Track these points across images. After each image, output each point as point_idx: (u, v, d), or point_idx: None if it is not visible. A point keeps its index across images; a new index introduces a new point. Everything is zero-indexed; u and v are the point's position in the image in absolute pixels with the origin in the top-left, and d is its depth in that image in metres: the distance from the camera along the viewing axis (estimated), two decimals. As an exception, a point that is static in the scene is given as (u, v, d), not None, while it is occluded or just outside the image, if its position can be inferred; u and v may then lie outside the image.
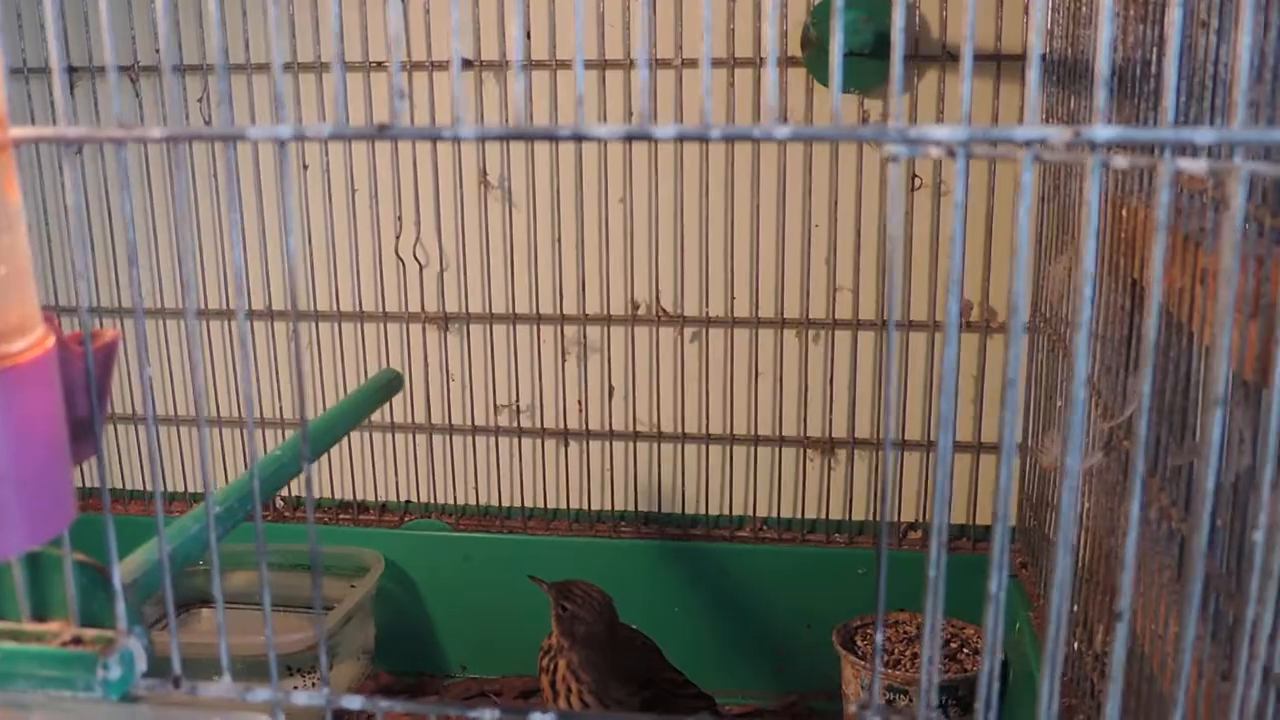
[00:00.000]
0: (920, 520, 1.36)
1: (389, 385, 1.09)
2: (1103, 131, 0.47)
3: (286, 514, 1.48)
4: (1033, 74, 0.46)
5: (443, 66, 1.31)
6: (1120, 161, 0.48)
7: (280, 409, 1.45)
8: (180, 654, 0.60)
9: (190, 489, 1.49)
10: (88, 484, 1.42)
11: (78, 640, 0.59)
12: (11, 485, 0.50)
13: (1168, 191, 0.47)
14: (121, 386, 1.49)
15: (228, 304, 1.42)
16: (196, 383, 0.53)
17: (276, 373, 1.44)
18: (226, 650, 0.59)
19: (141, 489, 1.49)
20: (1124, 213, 0.88)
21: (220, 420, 1.45)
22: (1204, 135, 0.48)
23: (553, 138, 0.50)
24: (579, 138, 0.50)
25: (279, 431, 1.45)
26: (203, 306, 1.43)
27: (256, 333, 1.41)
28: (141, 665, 0.59)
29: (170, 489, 1.50)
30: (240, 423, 1.45)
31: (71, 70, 1.37)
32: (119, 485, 1.49)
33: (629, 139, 0.49)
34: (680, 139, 0.49)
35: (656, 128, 0.49)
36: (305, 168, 1.38)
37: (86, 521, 0.58)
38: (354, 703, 0.59)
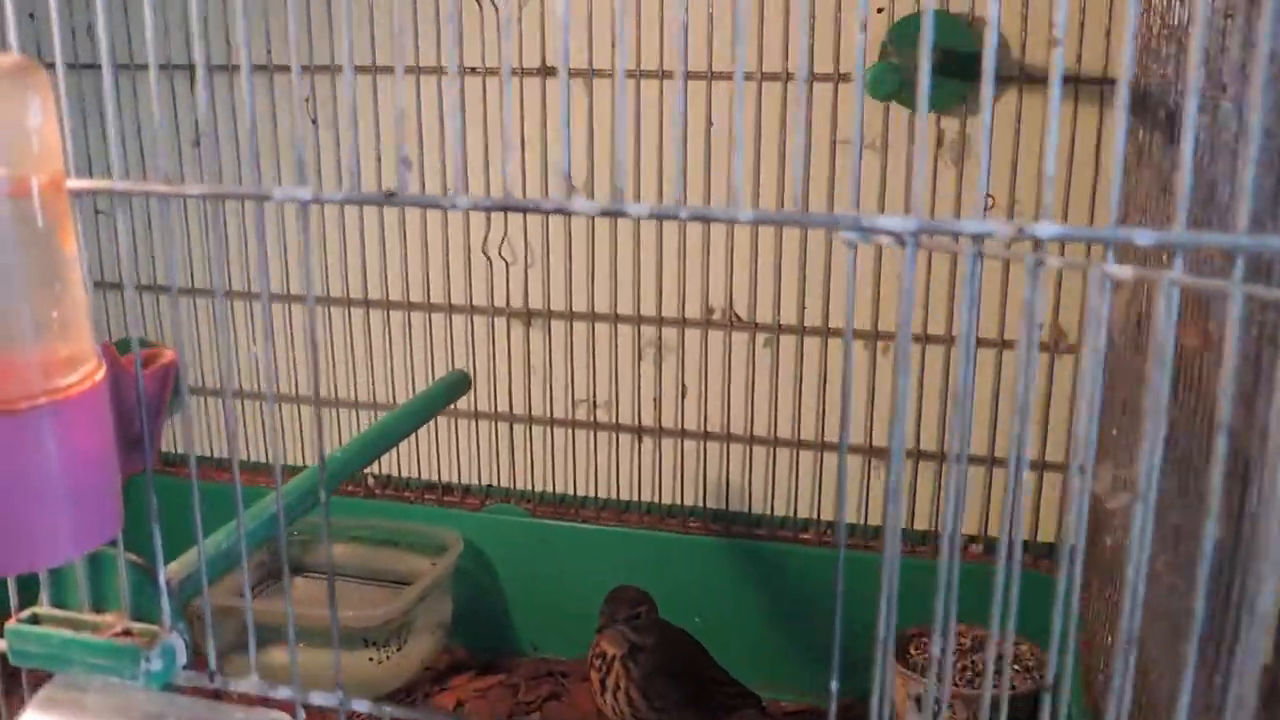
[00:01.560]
0: (981, 534, 1.37)
1: (457, 385, 1.15)
2: (1045, 229, 0.50)
3: (376, 491, 1.55)
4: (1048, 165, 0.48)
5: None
6: (1054, 262, 0.50)
7: (370, 391, 1.53)
8: (218, 648, 0.67)
9: (263, 459, 1.58)
10: (210, 453, 1.53)
11: (127, 633, 0.66)
12: (60, 502, 0.57)
13: (1103, 297, 0.48)
14: (201, 362, 1.58)
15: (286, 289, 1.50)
16: (266, 362, 0.59)
17: (355, 358, 1.52)
18: (255, 651, 0.65)
19: (223, 456, 1.60)
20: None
21: (297, 397, 1.54)
22: (1143, 236, 0.49)
23: (538, 210, 0.54)
24: (561, 212, 0.54)
25: (352, 413, 1.52)
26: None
27: (347, 322, 1.49)
28: (181, 659, 0.66)
29: (246, 459, 1.58)
30: (311, 400, 1.53)
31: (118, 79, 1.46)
32: (205, 453, 1.59)
33: (605, 215, 0.53)
34: (654, 217, 0.53)
35: (630, 205, 0.53)
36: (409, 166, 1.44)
37: (172, 486, 0.62)
38: (361, 706, 0.65)
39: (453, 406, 1.45)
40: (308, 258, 0.56)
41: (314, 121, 1.46)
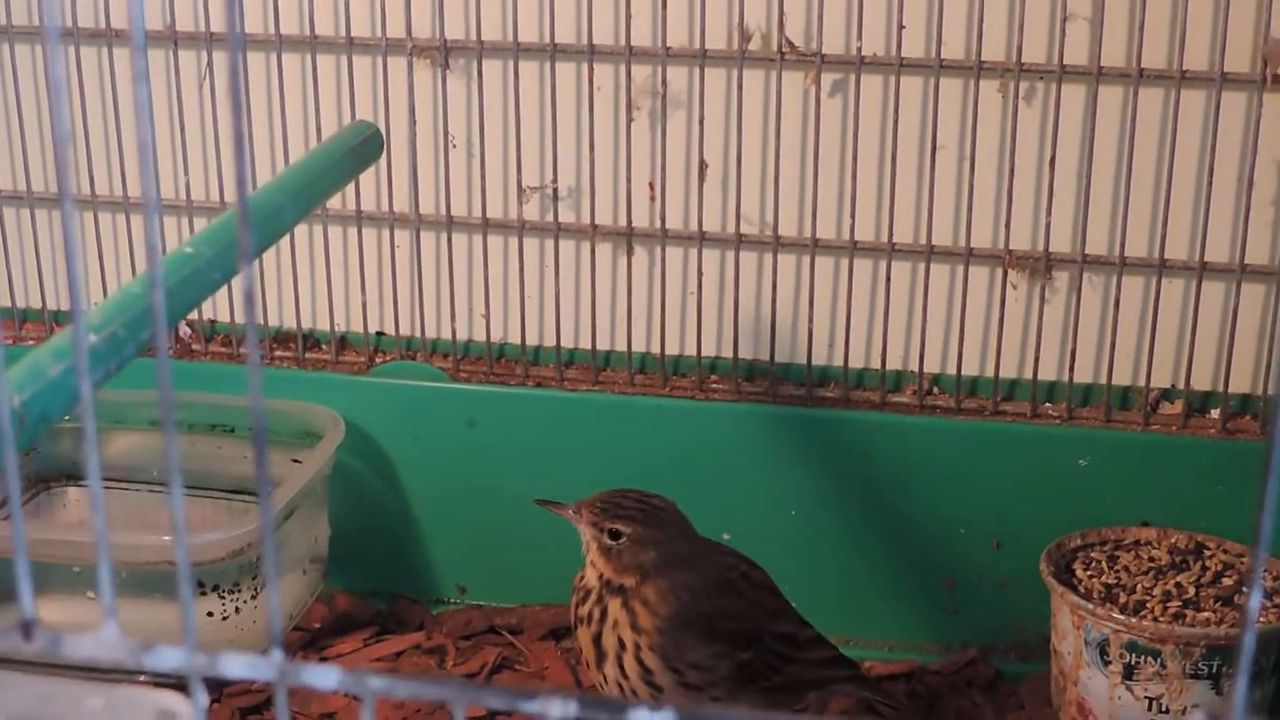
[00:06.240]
0: (1179, 386, 1.22)
1: (365, 146, 0.99)
2: None
3: (195, 348, 1.40)
4: None
5: None
6: None
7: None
8: (33, 586, 0.42)
9: (53, 305, 1.39)
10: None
11: None
12: None
13: None
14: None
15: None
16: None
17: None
18: (111, 582, 0.40)
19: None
20: None
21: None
22: None
23: None
24: None
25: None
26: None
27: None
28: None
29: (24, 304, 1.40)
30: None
31: None
32: None
33: None
34: None
35: None
36: None
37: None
38: (330, 678, 0.40)
39: (320, 209, 1.31)
40: None
41: None
